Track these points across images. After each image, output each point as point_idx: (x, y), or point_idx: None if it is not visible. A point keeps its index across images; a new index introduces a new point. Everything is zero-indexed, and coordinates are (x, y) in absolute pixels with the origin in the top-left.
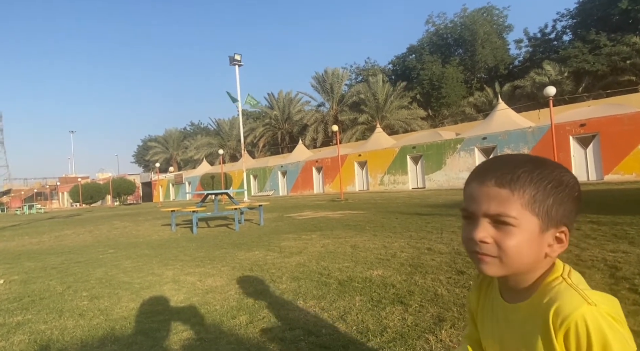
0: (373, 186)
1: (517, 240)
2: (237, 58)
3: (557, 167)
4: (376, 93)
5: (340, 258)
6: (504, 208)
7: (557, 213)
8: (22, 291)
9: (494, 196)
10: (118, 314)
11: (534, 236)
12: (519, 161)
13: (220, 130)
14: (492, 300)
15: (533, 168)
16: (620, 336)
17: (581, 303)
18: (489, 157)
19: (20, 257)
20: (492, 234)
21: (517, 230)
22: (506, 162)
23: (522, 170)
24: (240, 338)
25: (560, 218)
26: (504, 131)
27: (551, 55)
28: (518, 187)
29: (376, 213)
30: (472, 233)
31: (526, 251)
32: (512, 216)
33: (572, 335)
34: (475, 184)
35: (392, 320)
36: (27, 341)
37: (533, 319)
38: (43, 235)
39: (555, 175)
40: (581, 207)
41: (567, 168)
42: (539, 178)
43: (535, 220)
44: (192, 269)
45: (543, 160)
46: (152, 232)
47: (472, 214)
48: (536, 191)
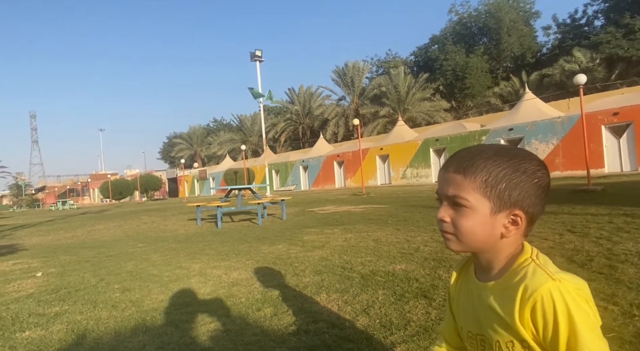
0: (395, 180)
1: (469, 220)
2: (257, 54)
3: (519, 155)
4: (398, 85)
5: (363, 252)
6: (458, 191)
7: (510, 197)
8: (59, 283)
9: (450, 180)
10: (148, 306)
11: (486, 217)
12: (483, 150)
13: (242, 126)
14: (467, 281)
15: (491, 156)
16: (583, 310)
17: (546, 279)
18: None
19: (56, 251)
20: (450, 214)
21: (469, 211)
22: (472, 151)
23: (479, 158)
24: (265, 330)
25: (514, 201)
26: (531, 122)
27: (582, 41)
28: (470, 173)
29: (398, 207)
30: (438, 214)
31: (479, 230)
32: (464, 198)
33: (538, 308)
34: (442, 170)
35: (415, 314)
36: (65, 330)
37: (504, 298)
38: (76, 229)
39: (512, 162)
40: (546, 195)
41: (535, 158)
42: (493, 165)
43: (486, 202)
44: (217, 262)
45: (509, 150)
46: (179, 226)
47: (438, 196)
48: (487, 176)
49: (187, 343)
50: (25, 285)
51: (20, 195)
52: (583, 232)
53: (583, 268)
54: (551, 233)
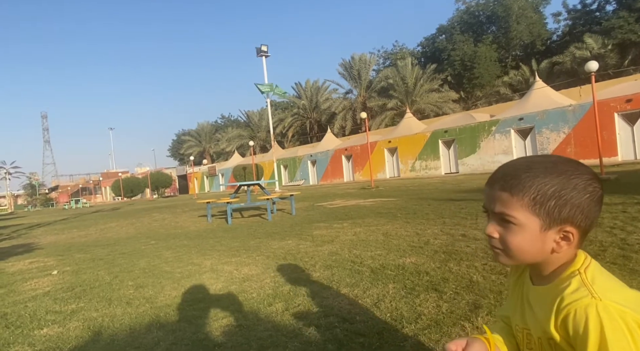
0: (404, 172)
1: (518, 237)
2: (263, 49)
3: (569, 170)
4: (405, 77)
5: (373, 246)
6: (505, 209)
7: (560, 214)
8: (74, 281)
9: (497, 198)
10: (162, 302)
11: (535, 234)
12: (530, 166)
13: (250, 121)
14: (523, 281)
15: (539, 173)
16: (620, 332)
17: (585, 295)
18: (525, 139)
19: (71, 249)
20: (498, 230)
21: (518, 228)
22: (518, 166)
23: (526, 174)
24: (277, 325)
25: (565, 218)
26: (542, 111)
27: (593, 27)
28: (517, 191)
29: (408, 200)
30: (485, 228)
31: (527, 247)
32: (512, 216)
33: (570, 320)
34: (487, 187)
35: (426, 307)
36: (82, 327)
37: (544, 303)
38: (89, 228)
39: (561, 178)
40: (599, 208)
41: (586, 171)
42: (541, 182)
43: (536, 220)
44: (228, 258)
45: (557, 164)
46: (190, 223)
47: (486, 210)
48: (536, 194)
49: (200, 338)
50: (42, 283)
51: (34, 194)
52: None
53: (596, 259)
54: None
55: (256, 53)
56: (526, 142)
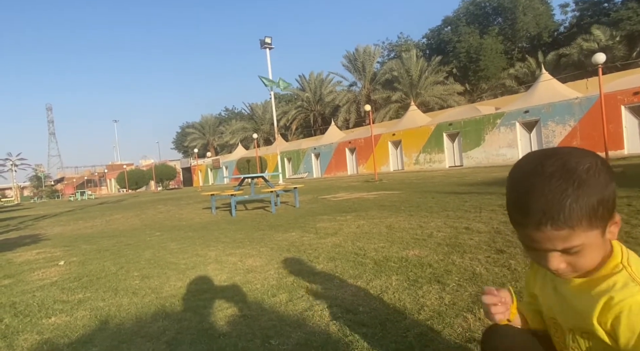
0: (408, 166)
1: (587, 257)
2: (267, 41)
3: (588, 167)
4: (410, 69)
5: (376, 238)
6: (569, 243)
7: (610, 212)
8: (81, 271)
9: (556, 237)
10: (167, 292)
11: (599, 243)
12: (560, 185)
13: (253, 114)
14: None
15: (575, 190)
16: None
17: (637, 292)
18: (531, 132)
19: (77, 240)
20: (565, 260)
21: (586, 250)
22: (549, 194)
23: (569, 200)
24: (281, 315)
25: (612, 213)
26: (548, 103)
27: (601, 18)
28: (575, 223)
29: (411, 193)
30: (546, 264)
31: (596, 258)
32: (578, 245)
33: (623, 318)
34: (531, 229)
35: (429, 299)
36: (89, 316)
37: (586, 298)
38: (95, 219)
39: (592, 182)
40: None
41: (591, 156)
42: (585, 200)
43: (595, 231)
44: (233, 250)
45: (574, 166)
46: (194, 215)
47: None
48: (589, 212)
49: (205, 328)
50: (49, 274)
51: (40, 186)
52: None
53: None
54: None
55: (260, 45)
56: (531, 135)
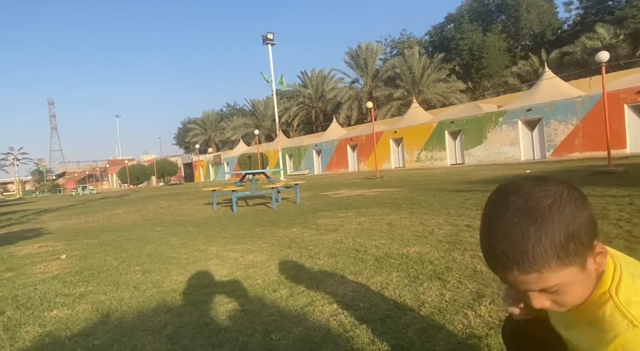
0: (409, 163)
1: (569, 294)
2: (269, 37)
3: (552, 201)
4: (412, 66)
5: (377, 235)
6: (543, 285)
7: (585, 247)
8: (82, 265)
9: (525, 281)
10: (168, 287)
11: (580, 278)
12: (521, 227)
13: (255, 110)
14: None
15: (537, 230)
16: None
17: (627, 326)
18: (533, 131)
19: (79, 234)
20: (547, 298)
21: (566, 288)
22: (511, 237)
23: (531, 242)
24: (281, 310)
25: (589, 246)
26: (550, 102)
27: (605, 16)
28: (542, 265)
29: (413, 190)
30: (530, 303)
31: (581, 292)
32: (553, 285)
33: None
34: (500, 272)
35: (429, 296)
36: (90, 310)
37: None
38: (96, 214)
39: (557, 216)
40: (592, 211)
41: (555, 185)
42: (549, 239)
43: (572, 268)
44: (234, 245)
45: (535, 202)
46: (195, 210)
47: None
48: (556, 252)
49: (206, 322)
50: (51, 267)
51: (42, 180)
52: (602, 213)
53: None
54: None
55: (262, 41)
56: (533, 133)
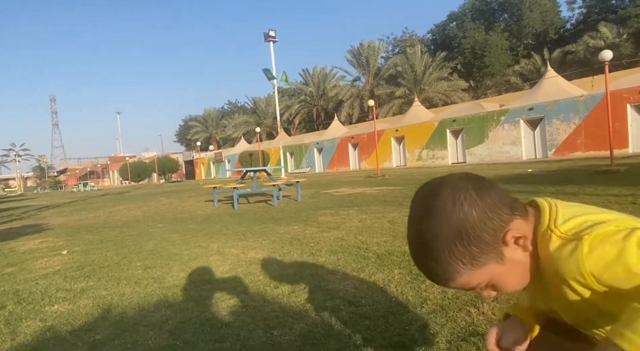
0: (410, 162)
1: (506, 283)
2: (271, 34)
3: (445, 197)
4: (414, 65)
5: (378, 232)
6: (468, 286)
7: (489, 244)
8: (84, 260)
9: (452, 287)
10: (170, 282)
11: (505, 268)
12: (419, 238)
13: (256, 108)
14: None
15: (432, 252)
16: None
17: (579, 247)
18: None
19: (80, 230)
20: (490, 289)
21: (496, 281)
22: (417, 252)
23: (430, 264)
24: (283, 307)
25: (494, 240)
26: (553, 101)
27: (608, 16)
28: (449, 279)
29: (414, 188)
30: (483, 297)
31: (515, 278)
32: (477, 284)
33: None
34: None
35: (432, 293)
36: (91, 305)
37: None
38: (98, 210)
39: (444, 240)
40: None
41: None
42: (447, 260)
43: (487, 266)
44: (235, 242)
45: (430, 204)
46: (196, 207)
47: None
48: (458, 265)
49: (207, 317)
50: (52, 262)
51: (44, 177)
52: None
53: None
54: None
55: (264, 38)
56: (535, 132)
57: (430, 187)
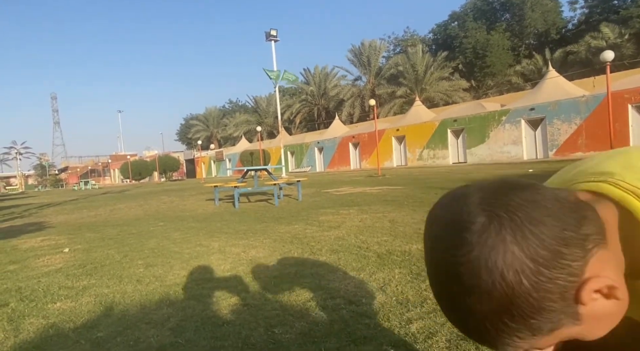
0: (411, 161)
1: (589, 336)
2: (273, 33)
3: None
4: (415, 64)
5: (379, 232)
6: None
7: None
8: (85, 258)
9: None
10: (171, 281)
11: (580, 329)
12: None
13: (257, 107)
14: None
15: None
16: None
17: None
18: (536, 130)
19: (81, 228)
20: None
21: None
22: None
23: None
24: (284, 305)
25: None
26: (554, 101)
27: (610, 16)
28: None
29: (415, 188)
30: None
31: (597, 331)
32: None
33: None
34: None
35: (432, 292)
36: (93, 302)
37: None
38: (99, 208)
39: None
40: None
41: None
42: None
43: (557, 333)
44: (236, 241)
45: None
46: (197, 206)
47: None
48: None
49: (209, 316)
50: (54, 260)
51: (45, 175)
52: None
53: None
54: None
55: (265, 37)
56: (536, 132)
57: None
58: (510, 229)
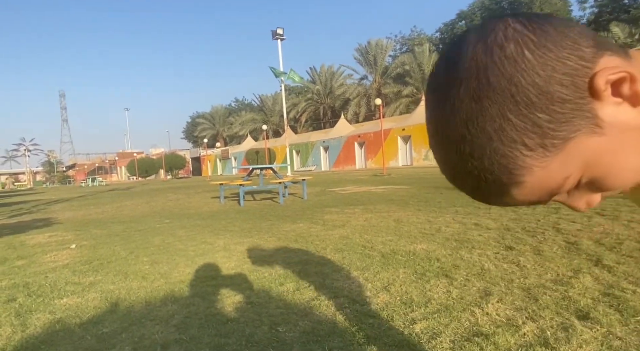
0: (417, 161)
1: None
2: (279, 32)
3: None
4: (422, 63)
5: (384, 231)
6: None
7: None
8: (92, 255)
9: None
10: (176, 278)
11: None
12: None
13: (263, 105)
14: None
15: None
16: None
17: None
18: None
19: (88, 225)
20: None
21: (592, 172)
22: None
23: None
24: (288, 304)
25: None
26: None
27: (620, 15)
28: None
29: (420, 188)
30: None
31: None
32: (557, 186)
33: None
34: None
35: (436, 293)
36: (99, 298)
37: None
38: (105, 205)
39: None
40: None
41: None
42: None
43: (573, 146)
44: (241, 239)
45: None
46: (203, 204)
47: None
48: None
49: (213, 313)
50: (61, 256)
51: (52, 171)
52: (613, 215)
53: (612, 252)
54: (579, 216)
55: (272, 36)
56: None
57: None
58: (515, 19)
